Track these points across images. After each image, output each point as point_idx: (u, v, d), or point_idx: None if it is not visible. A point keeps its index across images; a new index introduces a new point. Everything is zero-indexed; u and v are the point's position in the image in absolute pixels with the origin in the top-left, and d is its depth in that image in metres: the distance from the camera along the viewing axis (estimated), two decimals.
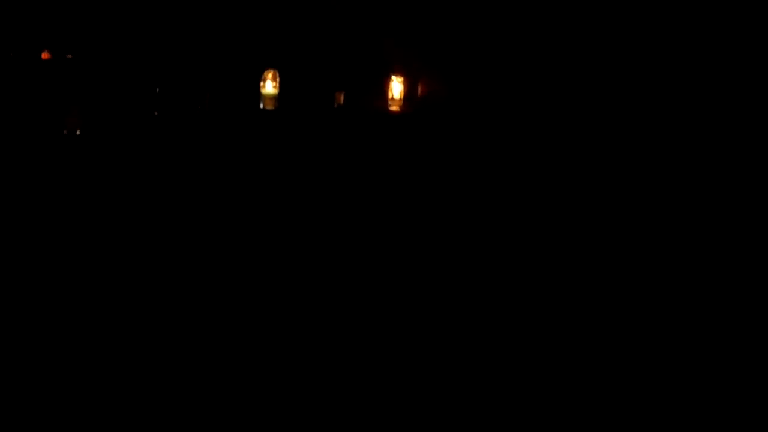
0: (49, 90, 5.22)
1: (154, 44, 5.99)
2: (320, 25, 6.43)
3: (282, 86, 6.13)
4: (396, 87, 6.35)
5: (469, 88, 5.88)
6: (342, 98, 6.64)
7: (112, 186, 3.56)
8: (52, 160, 3.88)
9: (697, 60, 4.41)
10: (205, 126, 5.48)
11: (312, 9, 6.44)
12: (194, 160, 4.36)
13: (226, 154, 4.64)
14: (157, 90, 5.22)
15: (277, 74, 6.13)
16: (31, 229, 2.78)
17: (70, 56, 5.71)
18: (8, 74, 4.92)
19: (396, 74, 6.38)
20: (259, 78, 6.13)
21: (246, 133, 5.84)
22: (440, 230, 2.79)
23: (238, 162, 4.45)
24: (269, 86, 6.14)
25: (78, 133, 4.44)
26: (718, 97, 4.10)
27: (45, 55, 11.20)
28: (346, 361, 1.75)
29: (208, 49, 5.87)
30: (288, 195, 3.37)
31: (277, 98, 6.17)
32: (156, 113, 5.16)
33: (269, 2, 6.23)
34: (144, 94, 5.65)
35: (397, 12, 6.53)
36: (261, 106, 6.12)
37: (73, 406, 1.55)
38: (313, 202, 3.14)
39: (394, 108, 6.43)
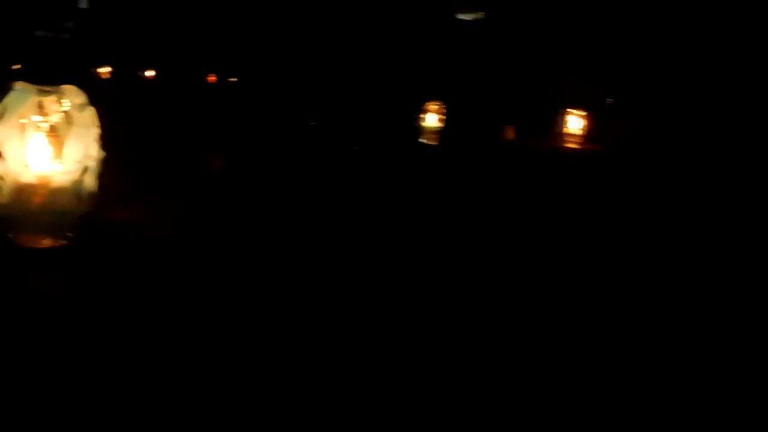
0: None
1: (311, 77, 5.68)
2: (488, 54, 5.89)
3: (446, 119, 5.58)
4: (573, 122, 5.63)
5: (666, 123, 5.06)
6: (511, 133, 5.99)
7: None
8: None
9: None
10: (361, 161, 5.00)
11: (478, 38, 5.90)
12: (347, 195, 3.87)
13: (383, 191, 4.12)
14: (311, 124, 4.84)
15: (442, 107, 5.58)
16: None
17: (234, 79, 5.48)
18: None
19: (573, 108, 5.67)
20: (419, 110, 5.62)
21: (404, 170, 5.29)
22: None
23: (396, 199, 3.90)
24: (431, 119, 5.60)
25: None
26: None
27: (211, 78, 11.47)
28: None
29: (366, 80, 5.48)
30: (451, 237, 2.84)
31: (439, 132, 5.61)
32: (305, 151, 4.74)
33: (433, 32, 5.77)
34: (295, 130, 5.33)
35: (575, 41, 5.85)
36: (421, 139, 5.59)
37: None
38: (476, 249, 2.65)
39: (571, 144, 5.72)
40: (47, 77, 2.10)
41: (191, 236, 2.36)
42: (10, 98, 1.92)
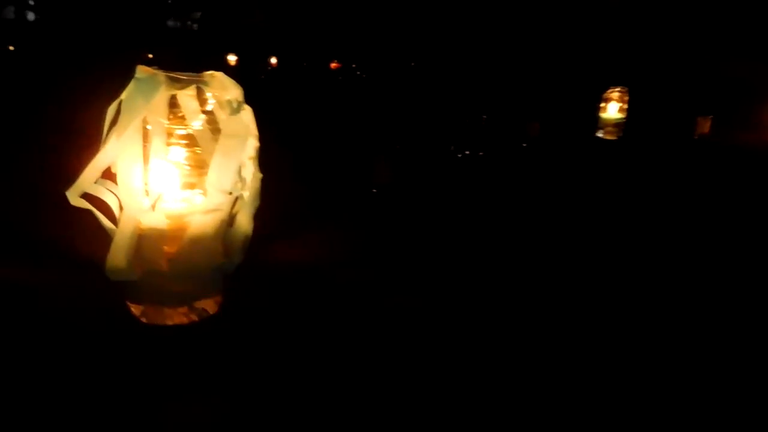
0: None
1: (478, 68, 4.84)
2: (678, 33, 4.80)
3: (629, 109, 4.55)
4: None
5: None
6: (706, 126, 4.88)
7: None
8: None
9: None
10: (532, 158, 4.10)
11: (669, 10, 4.81)
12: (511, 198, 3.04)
13: (557, 192, 3.26)
14: (483, 118, 4.00)
15: (624, 94, 4.56)
16: None
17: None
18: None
19: None
20: (597, 100, 4.62)
21: (579, 169, 4.34)
22: None
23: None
24: (612, 110, 4.59)
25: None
26: None
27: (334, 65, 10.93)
28: None
29: (535, 65, 4.55)
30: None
31: (620, 125, 4.60)
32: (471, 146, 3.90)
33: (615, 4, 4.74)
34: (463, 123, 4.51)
35: None
36: (599, 133, 4.60)
37: None
38: None
39: None
40: (183, 65, 1.39)
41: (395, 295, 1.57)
42: (129, 92, 1.20)
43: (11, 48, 11.64)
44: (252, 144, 1.29)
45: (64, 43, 10.41)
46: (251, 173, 1.30)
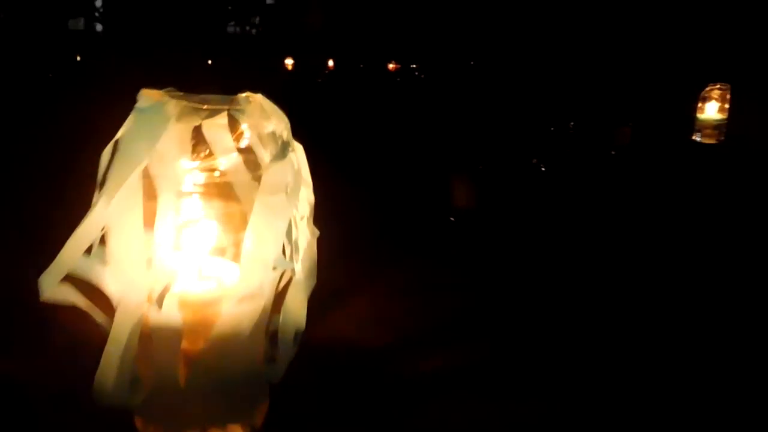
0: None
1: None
2: None
3: (731, 110, 3.98)
4: None
5: None
6: None
7: None
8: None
9: None
10: (623, 167, 3.59)
11: None
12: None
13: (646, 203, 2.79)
14: (571, 125, 3.51)
15: (726, 92, 3.99)
16: None
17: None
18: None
19: None
20: (694, 98, 4.06)
21: (674, 177, 3.81)
22: None
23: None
24: (711, 109, 4.03)
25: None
26: None
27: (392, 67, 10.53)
28: None
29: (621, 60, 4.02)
30: None
31: (721, 127, 4.03)
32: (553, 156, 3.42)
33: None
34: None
35: None
36: (695, 137, 4.05)
37: None
38: None
39: None
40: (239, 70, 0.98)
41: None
42: (128, 129, 0.82)
43: (78, 58, 11.75)
44: (305, 197, 0.90)
45: (130, 53, 10.37)
46: (305, 239, 0.90)
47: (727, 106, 3.97)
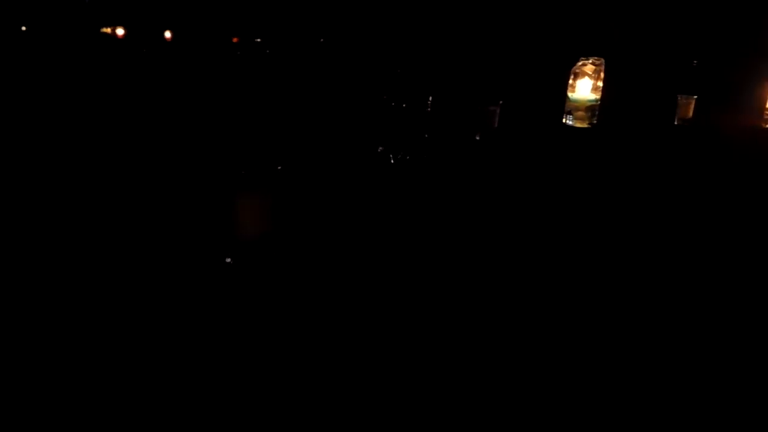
0: None
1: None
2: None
3: (605, 88, 3.43)
4: None
5: None
6: (690, 110, 3.85)
7: None
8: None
9: None
10: (487, 152, 2.94)
11: None
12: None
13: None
14: (428, 102, 2.78)
15: (600, 68, 3.44)
16: None
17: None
18: None
19: None
20: (564, 76, 3.48)
21: (541, 166, 3.27)
22: None
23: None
24: (582, 88, 3.47)
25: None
26: None
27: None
28: None
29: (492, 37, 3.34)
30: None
31: (592, 109, 3.49)
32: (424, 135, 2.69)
33: None
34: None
35: None
36: (565, 119, 3.48)
37: None
38: None
39: None
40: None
41: None
42: None
43: None
44: None
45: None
46: None
47: (600, 84, 3.43)
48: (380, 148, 2.21)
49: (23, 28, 8.47)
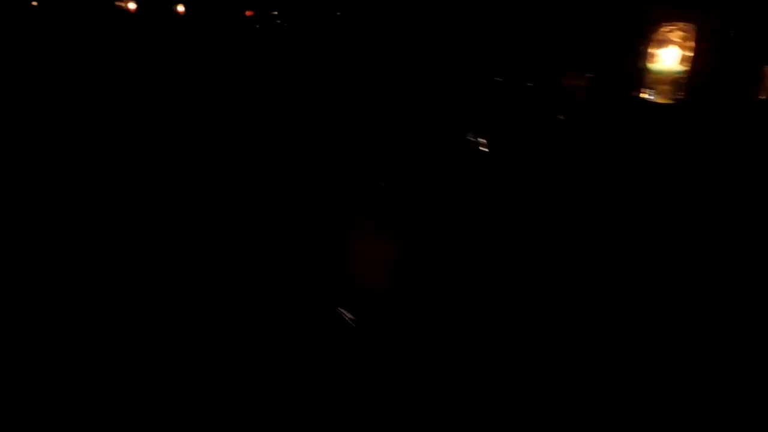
0: None
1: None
2: None
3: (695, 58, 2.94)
4: None
5: None
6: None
7: None
8: None
9: None
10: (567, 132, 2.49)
11: None
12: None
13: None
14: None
15: (690, 35, 2.95)
16: None
17: None
18: None
19: None
20: (634, 43, 3.00)
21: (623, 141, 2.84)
22: None
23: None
24: (667, 58, 2.98)
25: None
26: None
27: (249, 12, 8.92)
28: None
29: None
30: None
31: (676, 83, 3.00)
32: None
33: None
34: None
35: None
36: (644, 94, 3.01)
37: None
38: None
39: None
40: None
41: None
42: None
43: None
44: None
45: None
46: None
47: (690, 54, 2.94)
48: (469, 134, 1.78)
49: (34, 3, 7.98)
